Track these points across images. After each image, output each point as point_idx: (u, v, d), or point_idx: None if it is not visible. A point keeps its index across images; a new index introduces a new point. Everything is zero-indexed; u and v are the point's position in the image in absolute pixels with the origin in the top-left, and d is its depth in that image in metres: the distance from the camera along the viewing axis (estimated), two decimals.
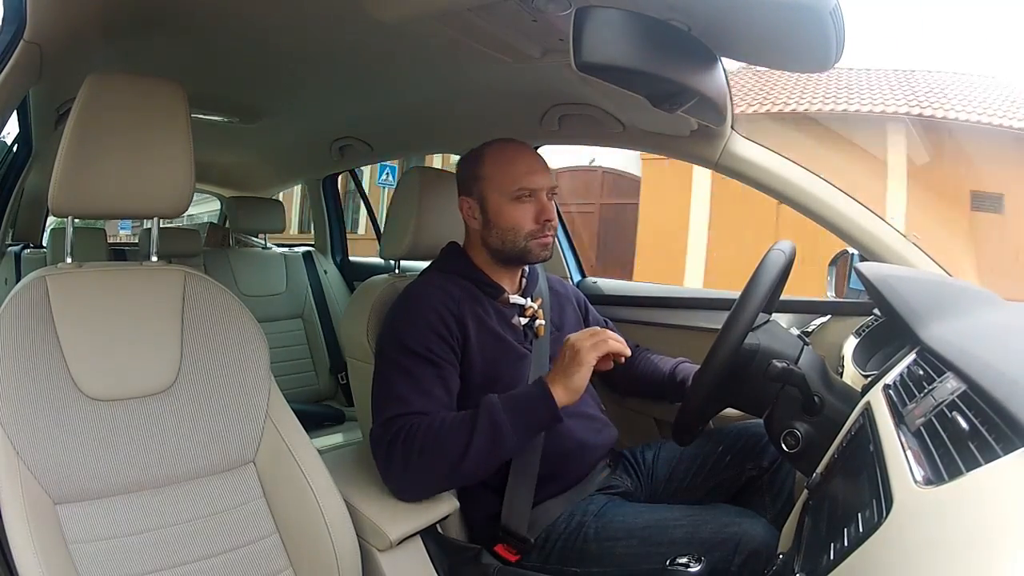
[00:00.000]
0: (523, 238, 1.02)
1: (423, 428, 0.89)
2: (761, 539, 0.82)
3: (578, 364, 0.88)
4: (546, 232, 1.03)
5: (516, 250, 1.03)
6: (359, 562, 0.88)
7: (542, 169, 1.04)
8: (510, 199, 1.02)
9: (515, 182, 1.01)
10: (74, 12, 0.84)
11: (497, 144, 1.06)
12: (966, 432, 0.44)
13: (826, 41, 0.79)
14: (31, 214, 2.59)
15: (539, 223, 1.02)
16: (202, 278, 0.91)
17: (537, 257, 1.04)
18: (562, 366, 0.90)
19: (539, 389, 0.90)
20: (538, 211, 1.02)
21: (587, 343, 0.89)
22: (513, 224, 1.02)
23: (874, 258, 1.12)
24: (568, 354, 0.90)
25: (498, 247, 1.04)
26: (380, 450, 0.92)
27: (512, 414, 0.89)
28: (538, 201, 1.02)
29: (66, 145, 0.79)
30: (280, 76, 1.37)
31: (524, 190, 1.01)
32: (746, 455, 1.03)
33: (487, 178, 1.04)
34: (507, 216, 1.02)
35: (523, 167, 1.03)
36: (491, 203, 1.03)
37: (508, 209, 1.02)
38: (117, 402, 0.81)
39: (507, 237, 1.03)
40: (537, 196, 1.02)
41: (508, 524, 0.94)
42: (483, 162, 1.05)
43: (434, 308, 0.98)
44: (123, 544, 0.78)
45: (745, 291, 0.87)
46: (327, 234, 2.56)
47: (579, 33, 0.73)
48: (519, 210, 1.02)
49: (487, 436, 0.87)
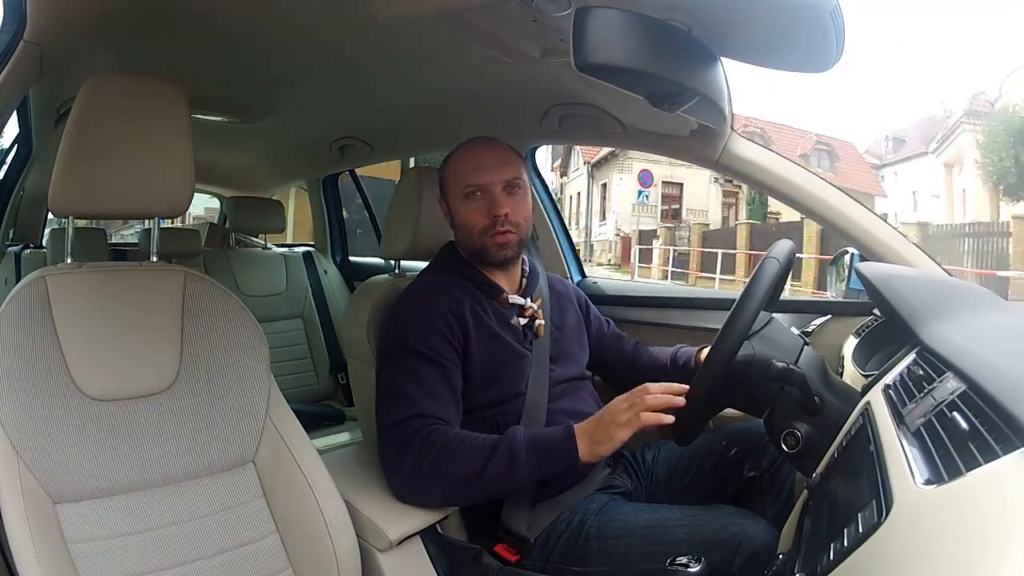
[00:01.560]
0: (477, 236, 1.02)
1: (440, 440, 0.89)
2: (762, 540, 0.82)
3: (608, 438, 0.86)
4: (500, 228, 1.01)
5: (475, 248, 1.04)
6: (359, 562, 0.88)
7: (495, 164, 1.03)
8: (462, 198, 1.03)
9: (462, 180, 1.03)
10: (74, 12, 0.84)
11: (462, 144, 1.07)
12: (966, 432, 0.44)
13: (826, 41, 0.79)
14: (31, 214, 2.59)
15: (490, 219, 1.01)
16: (202, 278, 0.91)
17: (495, 256, 1.03)
18: (595, 428, 0.87)
19: (565, 439, 0.88)
20: (489, 206, 1.01)
21: (622, 417, 0.85)
22: (465, 222, 1.03)
23: (874, 258, 1.12)
24: (606, 419, 0.87)
25: (464, 246, 1.06)
26: (390, 452, 0.92)
27: (531, 453, 0.87)
28: (489, 196, 1.02)
29: (66, 145, 0.79)
30: (280, 76, 1.37)
31: (471, 187, 1.02)
32: (746, 455, 1.03)
33: (446, 179, 1.06)
34: (461, 215, 1.04)
35: (471, 164, 1.03)
36: (450, 204, 1.06)
37: (461, 208, 1.04)
38: (117, 402, 0.81)
39: (464, 236, 1.05)
40: (488, 192, 1.02)
41: (508, 524, 0.94)
42: (447, 163, 1.07)
43: (436, 308, 0.98)
44: (123, 544, 0.78)
45: (744, 293, 0.87)
46: (327, 234, 2.56)
47: (579, 33, 0.73)
48: (469, 208, 1.03)
49: (503, 468, 0.87)
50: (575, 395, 1.08)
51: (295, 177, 2.62)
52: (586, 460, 0.87)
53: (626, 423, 0.85)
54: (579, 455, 0.87)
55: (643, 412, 0.85)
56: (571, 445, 0.87)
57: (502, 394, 1.00)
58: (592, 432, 0.87)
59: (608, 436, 0.86)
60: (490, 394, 1.00)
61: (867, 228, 1.12)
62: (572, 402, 1.06)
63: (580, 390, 1.10)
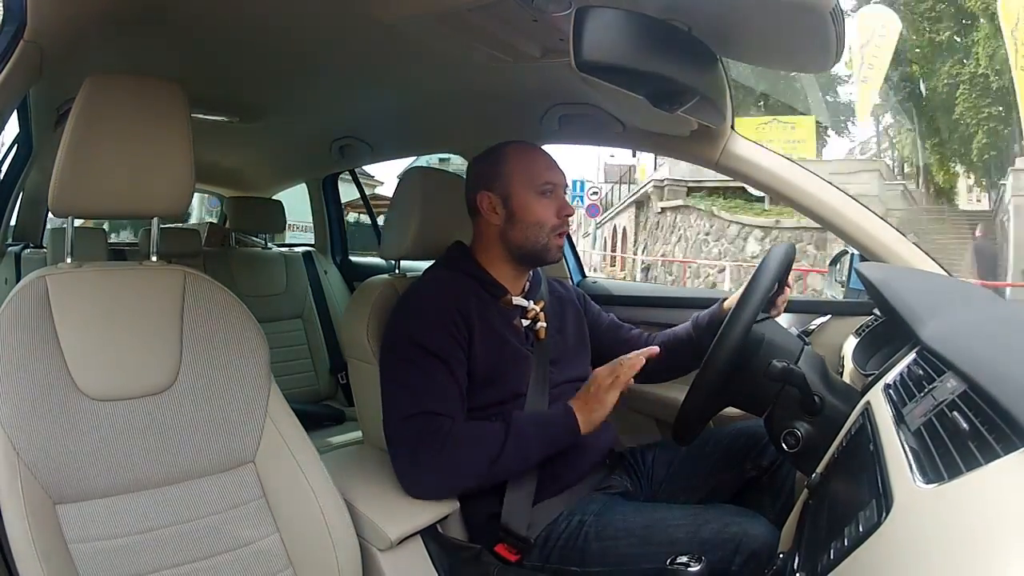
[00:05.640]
0: (547, 233, 1.04)
1: (453, 434, 0.92)
2: (762, 539, 0.82)
3: (599, 402, 0.94)
4: (564, 228, 1.06)
5: (539, 246, 1.05)
6: (359, 562, 0.88)
7: (558, 169, 1.08)
8: (536, 193, 1.04)
9: (540, 176, 1.04)
10: (74, 12, 0.84)
11: (516, 143, 1.09)
12: (966, 432, 0.44)
13: (826, 41, 0.79)
14: (31, 214, 2.58)
15: (561, 218, 1.05)
16: (202, 278, 0.90)
17: (554, 256, 1.07)
18: (586, 398, 0.96)
19: (564, 413, 0.95)
20: (560, 206, 1.05)
21: (606, 382, 0.95)
22: (538, 218, 1.04)
23: (874, 258, 1.12)
24: (592, 390, 0.96)
25: (520, 243, 1.05)
26: (403, 449, 0.93)
27: (537, 432, 0.95)
28: (558, 197, 1.05)
29: (66, 145, 0.79)
30: (280, 76, 1.37)
31: (549, 184, 1.04)
32: (746, 455, 1.03)
33: (512, 173, 1.05)
34: (533, 210, 1.04)
35: (545, 162, 1.06)
36: (517, 197, 1.05)
37: (534, 203, 1.04)
38: (117, 402, 0.81)
39: (531, 232, 1.04)
40: (557, 192, 1.05)
41: (508, 524, 0.94)
42: (507, 158, 1.06)
43: (443, 305, 0.98)
44: (123, 544, 0.78)
45: (746, 289, 0.87)
46: (327, 234, 2.56)
47: (579, 33, 0.73)
48: (543, 204, 1.04)
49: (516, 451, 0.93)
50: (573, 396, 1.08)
51: (295, 177, 2.62)
52: (587, 430, 0.95)
53: (612, 385, 0.94)
54: (580, 425, 0.94)
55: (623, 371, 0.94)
56: (570, 419, 0.94)
57: (503, 394, 1.00)
58: (584, 403, 0.95)
59: (599, 402, 0.94)
60: (491, 394, 1.00)
61: (867, 228, 1.12)
62: None
63: None
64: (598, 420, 0.94)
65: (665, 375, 1.20)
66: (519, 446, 0.92)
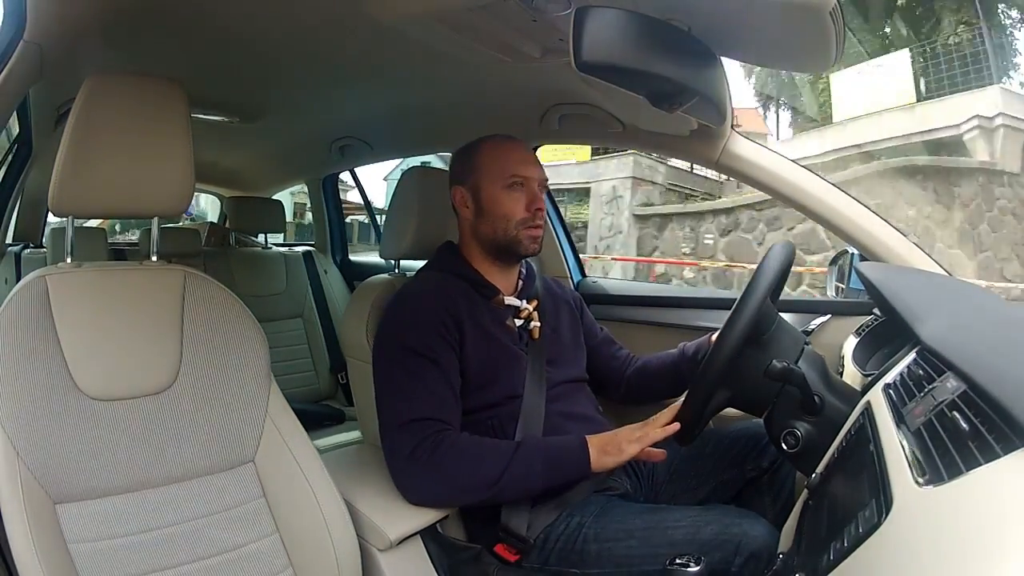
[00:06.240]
0: (514, 226, 1.04)
1: (455, 447, 0.91)
2: (762, 540, 0.82)
3: (618, 451, 0.92)
4: (536, 222, 1.05)
5: (507, 239, 1.04)
6: (359, 562, 0.88)
7: (534, 162, 1.07)
8: (503, 187, 1.04)
9: (508, 169, 1.04)
10: (74, 12, 0.84)
11: (493, 137, 1.09)
12: (966, 432, 0.43)
13: (826, 41, 0.78)
14: (31, 214, 2.58)
15: (530, 211, 1.04)
16: (202, 278, 0.91)
17: (527, 249, 1.05)
18: (607, 440, 0.93)
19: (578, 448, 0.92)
20: (529, 200, 1.04)
21: (633, 435, 0.92)
22: (505, 212, 1.04)
23: (874, 258, 1.11)
24: (620, 435, 0.93)
25: (490, 237, 1.05)
26: (399, 456, 0.93)
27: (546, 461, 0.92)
28: (529, 190, 1.04)
29: (66, 145, 0.79)
30: (280, 76, 1.37)
31: (517, 177, 1.04)
32: (746, 455, 1.03)
33: (482, 167, 1.06)
34: (500, 203, 1.04)
35: (517, 156, 1.06)
36: (485, 191, 1.05)
37: (501, 196, 1.04)
38: (117, 401, 0.81)
39: (499, 225, 1.04)
40: (528, 185, 1.04)
41: (508, 524, 0.94)
42: (479, 152, 1.07)
43: (432, 307, 0.98)
44: (123, 544, 0.78)
45: (747, 290, 0.87)
46: (327, 234, 2.56)
47: (579, 33, 0.72)
48: (511, 198, 1.04)
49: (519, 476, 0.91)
50: (573, 397, 1.08)
51: (295, 177, 2.62)
52: (596, 470, 0.92)
53: (636, 440, 0.91)
54: (591, 464, 0.91)
55: (653, 431, 0.91)
56: (584, 455, 0.91)
57: (498, 396, 1.00)
58: (604, 444, 0.92)
59: (618, 449, 0.91)
60: (485, 396, 1.00)
61: (867, 228, 1.12)
62: (570, 404, 1.06)
63: (578, 392, 1.10)
64: (610, 466, 0.92)
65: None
66: (525, 473, 0.91)
